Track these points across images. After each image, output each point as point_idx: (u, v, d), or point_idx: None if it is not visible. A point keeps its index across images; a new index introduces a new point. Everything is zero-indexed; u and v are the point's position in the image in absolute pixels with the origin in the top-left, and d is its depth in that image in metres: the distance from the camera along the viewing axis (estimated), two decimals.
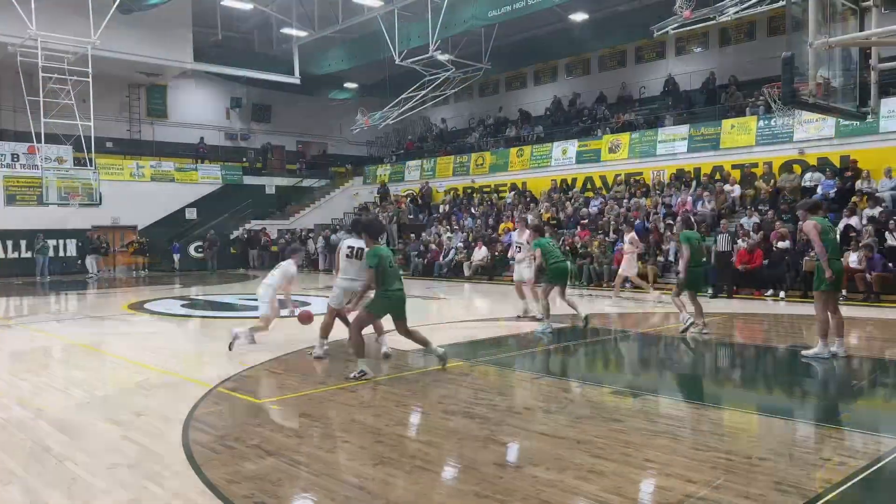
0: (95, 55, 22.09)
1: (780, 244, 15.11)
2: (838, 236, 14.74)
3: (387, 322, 7.51)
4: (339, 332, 8.35)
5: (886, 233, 14.30)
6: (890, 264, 13.64)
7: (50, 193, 22.66)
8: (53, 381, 7.27)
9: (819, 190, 17.21)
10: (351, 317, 7.68)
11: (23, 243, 25.33)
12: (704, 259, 10.04)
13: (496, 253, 20.49)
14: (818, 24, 7.07)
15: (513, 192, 25.36)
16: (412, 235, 25.25)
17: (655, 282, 16.23)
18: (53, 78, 21.43)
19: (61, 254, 25.98)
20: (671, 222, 18.39)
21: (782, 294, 14.37)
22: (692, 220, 14.82)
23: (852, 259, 13.65)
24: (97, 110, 23.32)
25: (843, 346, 7.77)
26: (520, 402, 6.02)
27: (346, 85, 33.37)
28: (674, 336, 9.75)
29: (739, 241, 15.51)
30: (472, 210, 25.13)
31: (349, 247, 7.95)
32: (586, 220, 20.56)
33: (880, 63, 8.39)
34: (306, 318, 8.76)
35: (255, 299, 9.27)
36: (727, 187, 18.89)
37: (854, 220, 15.11)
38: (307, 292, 17.62)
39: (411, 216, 27.77)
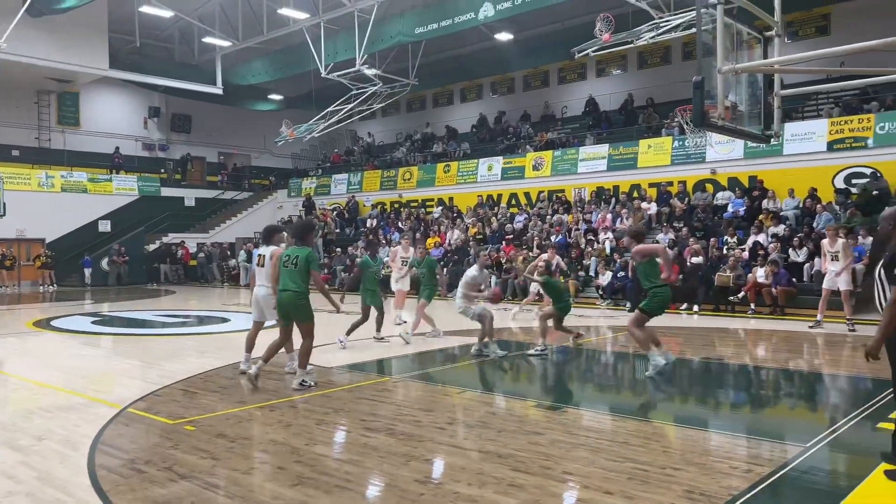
0: (1, 59, 20.95)
1: (694, 259, 15.74)
2: (747, 253, 15.58)
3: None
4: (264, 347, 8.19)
5: (790, 249, 15.13)
6: (794, 279, 14.42)
7: None
8: None
9: (730, 208, 18.09)
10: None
11: None
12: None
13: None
14: (726, 50, 7.44)
15: (440, 207, 25.51)
16: (338, 250, 24.98)
17: (576, 295, 16.64)
18: None
19: None
20: (592, 238, 18.94)
21: (696, 307, 14.96)
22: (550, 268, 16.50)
23: (760, 274, 14.36)
24: (2, 117, 22.13)
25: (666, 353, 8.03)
26: (443, 418, 6.00)
27: (270, 96, 32.85)
28: (595, 349, 10.00)
29: None
30: (400, 224, 25.11)
31: (258, 255, 8.12)
32: (511, 235, 20.88)
33: (783, 89, 8.93)
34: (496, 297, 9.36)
35: (172, 315, 8.98)
36: (644, 205, 19.59)
37: (761, 237, 15.92)
38: (227, 308, 17.14)
39: (337, 230, 27.49)
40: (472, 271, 9.44)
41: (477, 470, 4.58)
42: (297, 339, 7.65)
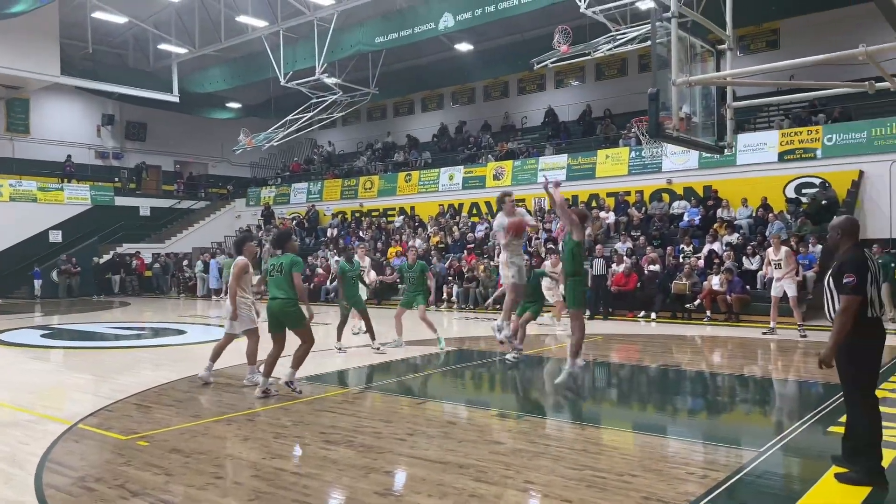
0: None
1: (651, 268, 16.00)
2: (703, 261, 15.90)
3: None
4: (229, 358, 8.06)
5: (744, 257, 15.49)
6: (748, 286, 14.76)
7: None
8: None
9: (685, 217, 18.45)
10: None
11: None
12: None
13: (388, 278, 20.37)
14: (681, 63, 7.61)
15: (402, 217, 25.47)
16: None
17: None
18: None
19: None
20: (552, 246, 19.09)
21: (653, 315, 15.19)
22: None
23: (714, 282, 14.66)
24: None
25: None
26: (403, 428, 5.96)
27: (228, 104, 32.39)
28: (556, 357, 10.05)
29: (614, 265, 16.29)
30: (361, 234, 24.97)
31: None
32: (472, 245, 20.94)
33: (735, 101, 9.16)
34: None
35: (126, 328, 8.79)
36: (602, 214, 19.85)
37: (716, 246, 16.26)
38: (182, 319, 16.79)
39: (297, 239, 27.19)
40: (499, 219, 8.85)
41: (437, 481, 4.55)
42: (264, 349, 7.59)
